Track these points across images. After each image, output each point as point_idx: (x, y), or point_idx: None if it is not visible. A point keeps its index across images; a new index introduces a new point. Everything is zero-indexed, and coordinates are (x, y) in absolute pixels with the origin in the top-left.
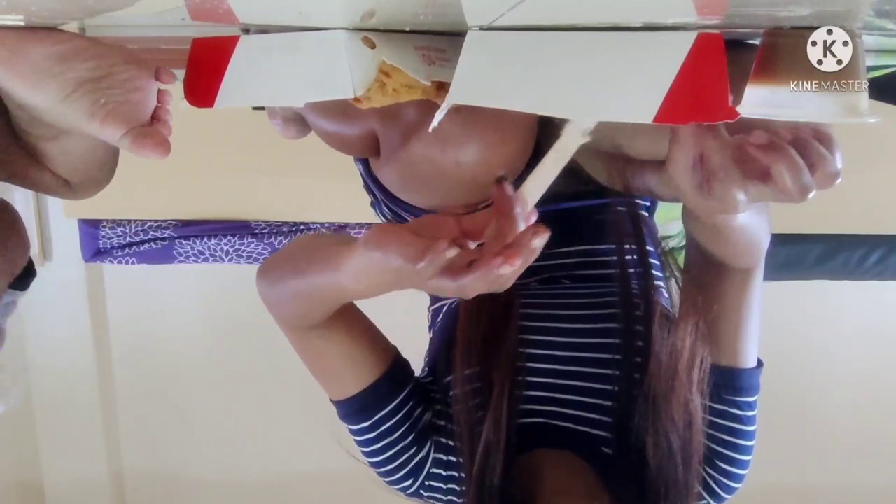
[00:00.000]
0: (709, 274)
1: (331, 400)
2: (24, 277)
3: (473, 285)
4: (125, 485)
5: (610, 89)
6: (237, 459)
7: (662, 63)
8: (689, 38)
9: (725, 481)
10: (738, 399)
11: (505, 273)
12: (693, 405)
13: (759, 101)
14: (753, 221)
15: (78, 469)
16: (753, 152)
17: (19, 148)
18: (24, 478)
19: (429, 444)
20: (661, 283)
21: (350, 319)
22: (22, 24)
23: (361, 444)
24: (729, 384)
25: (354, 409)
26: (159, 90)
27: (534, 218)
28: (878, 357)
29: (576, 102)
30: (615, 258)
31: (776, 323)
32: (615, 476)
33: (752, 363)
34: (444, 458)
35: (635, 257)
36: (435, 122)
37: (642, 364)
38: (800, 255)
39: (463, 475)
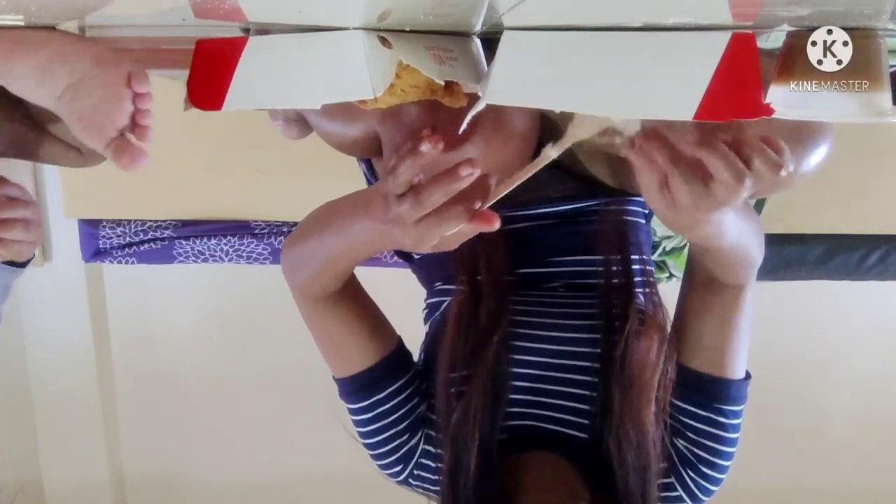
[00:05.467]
0: (703, 287)
1: (334, 377)
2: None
3: (405, 178)
4: (125, 485)
5: (649, 88)
6: (237, 460)
7: (699, 62)
8: (723, 38)
9: (704, 484)
10: (723, 407)
11: (426, 150)
12: (652, 408)
13: (783, 99)
14: (744, 241)
15: (78, 469)
16: (689, 150)
17: (29, 126)
18: (24, 478)
19: (420, 434)
20: (646, 290)
21: (359, 300)
22: (22, 24)
23: (358, 423)
24: (715, 393)
25: (355, 387)
26: (137, 92)
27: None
28: (879, 357)
29: (615, 101)
30: (601, 269)
31: (777, 323)
32: (596, 476)
33: (739, 375)
34: (433, 450)
35: (619, 268)
36: (464, 125)
37: (617, 371)
38: (800, 255)
39: None
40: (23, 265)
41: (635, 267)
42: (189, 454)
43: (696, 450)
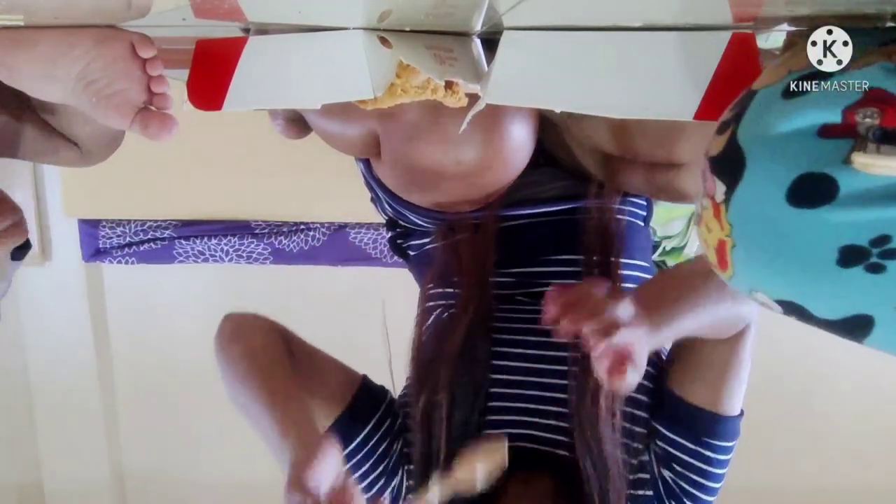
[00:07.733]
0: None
1: None
2: (21, 247)
3: None
4: (125, 485)
5: (649, 88)
6: (237, 461)
7: (700, 62)
8: (723, 38)
9: None
10: (714, 443)
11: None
12: (614, 428)
13: None
14: (704, 320)
15: (78, 470)
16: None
17: (38, 128)
18: (24, 479)
19: (401, 473)
20: None
21: (295, 380)
22: (21, 24)
23: None
24: (708, 428)
25: None
26: (145, 59)
27: None
28: (878, 357)
29: (617, 102)
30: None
31: (776, 323)
32: (578, 495)
33: (734, 412)
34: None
35: (601, 270)
36: (465, 124)
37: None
38: None
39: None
40: (19, 257)
41: (627, 272)
42: (189, 454)
43: (681, 482)
